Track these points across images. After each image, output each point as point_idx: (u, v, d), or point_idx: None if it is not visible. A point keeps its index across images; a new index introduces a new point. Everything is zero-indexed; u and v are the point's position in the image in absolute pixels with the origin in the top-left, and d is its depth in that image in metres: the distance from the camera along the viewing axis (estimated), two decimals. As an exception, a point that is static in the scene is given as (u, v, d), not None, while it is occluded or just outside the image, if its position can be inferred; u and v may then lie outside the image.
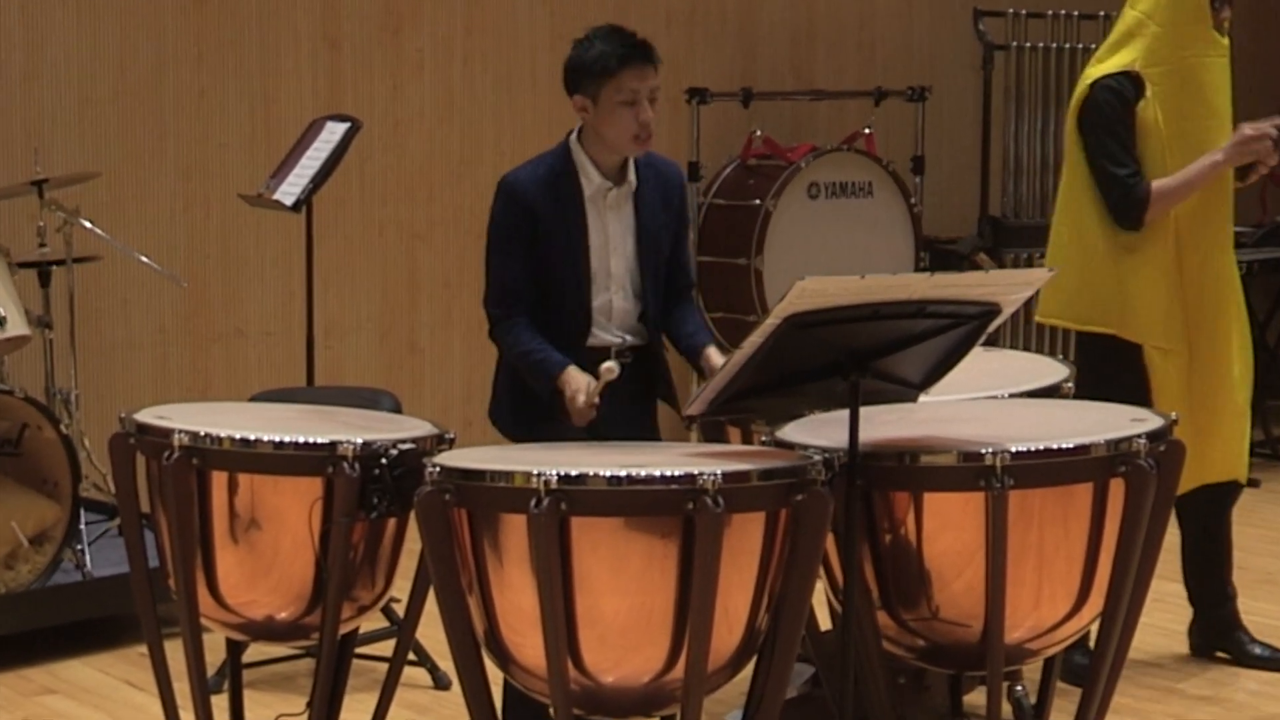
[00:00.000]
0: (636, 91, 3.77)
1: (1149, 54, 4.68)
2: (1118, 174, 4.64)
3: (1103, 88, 4.68)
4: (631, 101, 3.77)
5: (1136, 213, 4.64)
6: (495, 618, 3.27)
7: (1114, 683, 3.60)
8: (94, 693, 4.94)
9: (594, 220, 3.89)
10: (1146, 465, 3.38)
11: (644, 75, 3.78)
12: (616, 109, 3.78)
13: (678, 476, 3.10)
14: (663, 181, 3.97)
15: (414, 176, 6.91)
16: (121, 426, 3.68)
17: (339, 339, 6.74)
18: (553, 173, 3.88)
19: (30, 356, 5.66)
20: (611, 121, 3.80)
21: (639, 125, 3.79)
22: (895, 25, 8.15)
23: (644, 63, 3.79)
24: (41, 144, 5.97)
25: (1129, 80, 4.67)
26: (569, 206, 3.87)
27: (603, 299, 3.91)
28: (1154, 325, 4.68)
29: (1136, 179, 4.63)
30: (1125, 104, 4.65)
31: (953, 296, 3.29)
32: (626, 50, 3.78)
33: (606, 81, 3.77)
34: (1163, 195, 4.63)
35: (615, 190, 3.89)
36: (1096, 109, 4.68)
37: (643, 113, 3.78)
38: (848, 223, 7.35)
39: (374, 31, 6.79)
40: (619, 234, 3.90)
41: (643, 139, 3.81)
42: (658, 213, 3.94)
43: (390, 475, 3.44)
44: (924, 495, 3.37)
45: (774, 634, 3.30)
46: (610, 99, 3.78)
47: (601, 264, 3.90)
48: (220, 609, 3.63)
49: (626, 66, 3.77)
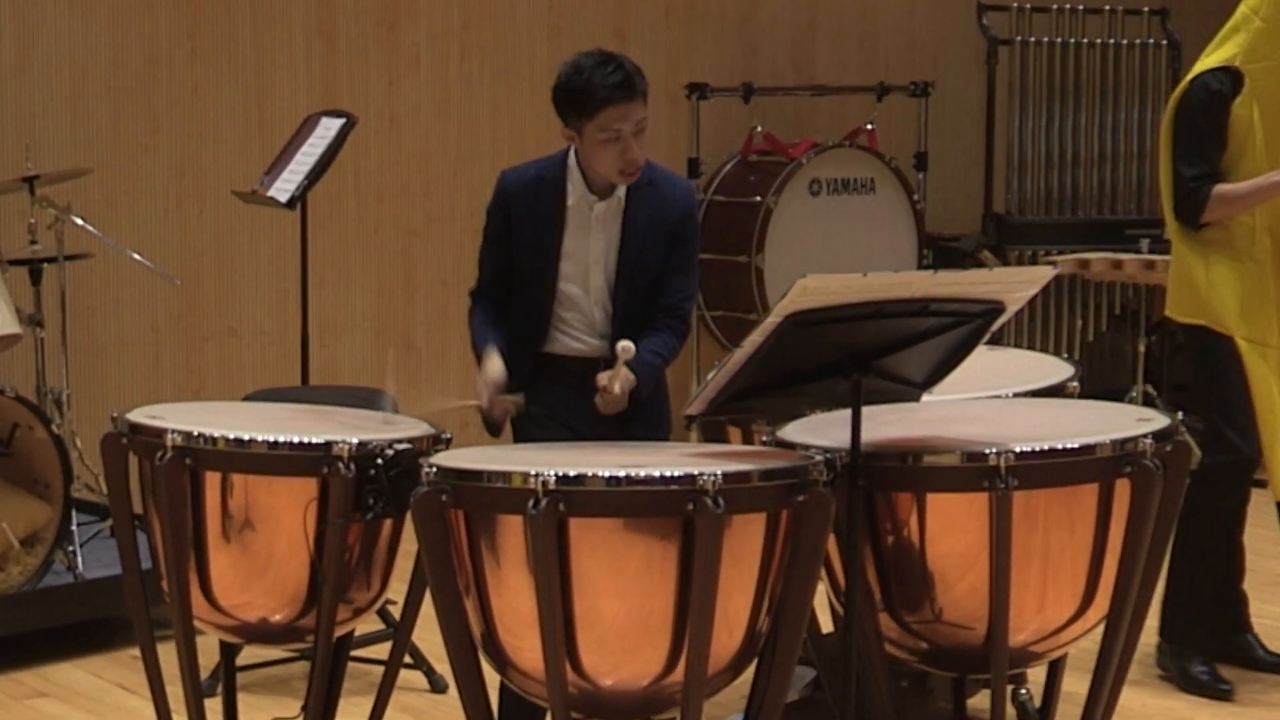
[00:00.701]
0: (619, 130, 3.73)
1: (1251, 50, 4.64)
2: (1185, 173, 4.65)
3: (1200, 84, 4.66)
4: (616, 138, 3.74)
5: (1193, 213, 4.66)
6: (492, 620, 3.26)
7: (1120, 685, 3.59)
8: (86, 696, 4.92)
9: (574, 230, 3.87)
10: (1152, 465, 3.37)
11: (627, 113, 3.73)
12: (601, 146, 3.75)
13: (677, 477, 3.10)
14: (660, 201, 3.89)
15: (410, 173, 6.89)
16: (114, 426, 3.66)
17: (334, 338, 6.73)
18: (540, 177, 3.88)
19: (21, 355, 5.64)
20: (597, 157, 3.78)
21: (624, 162, 3.76)
22: (898, 19, 8.12)
23: (626, 100, 3.73)
24: (32, 140, 5.95)
25: (1228, 76, 4.64)
26: (547, 212, 3.86)
27: (575, 311, 3.89)
28: (1239, 318, 4.67)
29: (1201, 181, 4.63)
30: (1219, 100, 4.62)
31: (956, 295, 3.28)
32: (608, 90, 3.71)
33: (588, 121, 3.74)
34: (1223, 201, 4.63)
35: (601, 204, 3.86)
36: (1188, 105, 4.67)
37: (628, 151, 3.75)
38: (850, 220, 7.34)
39: (369, 26, 6.77)
40: (600, 249, 3.87)
41: (628, 174, 3.79)
42: (645, 234, 3.88)
43: (386, 476, 3.43)
44: (927, 496, 3.36)
45: (775, 636, 3.29)
46: (593, 136, 3.75)
47: (579, 275, 3.87)
48: (214, 611, 3.61)
49: (610, 105, 3.71)
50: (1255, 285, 4.68)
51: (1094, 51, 7.97)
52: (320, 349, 6.54)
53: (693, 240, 3.97)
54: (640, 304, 3.89)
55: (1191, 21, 8.24)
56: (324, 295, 6.61)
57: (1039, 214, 7.91)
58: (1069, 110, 7.93)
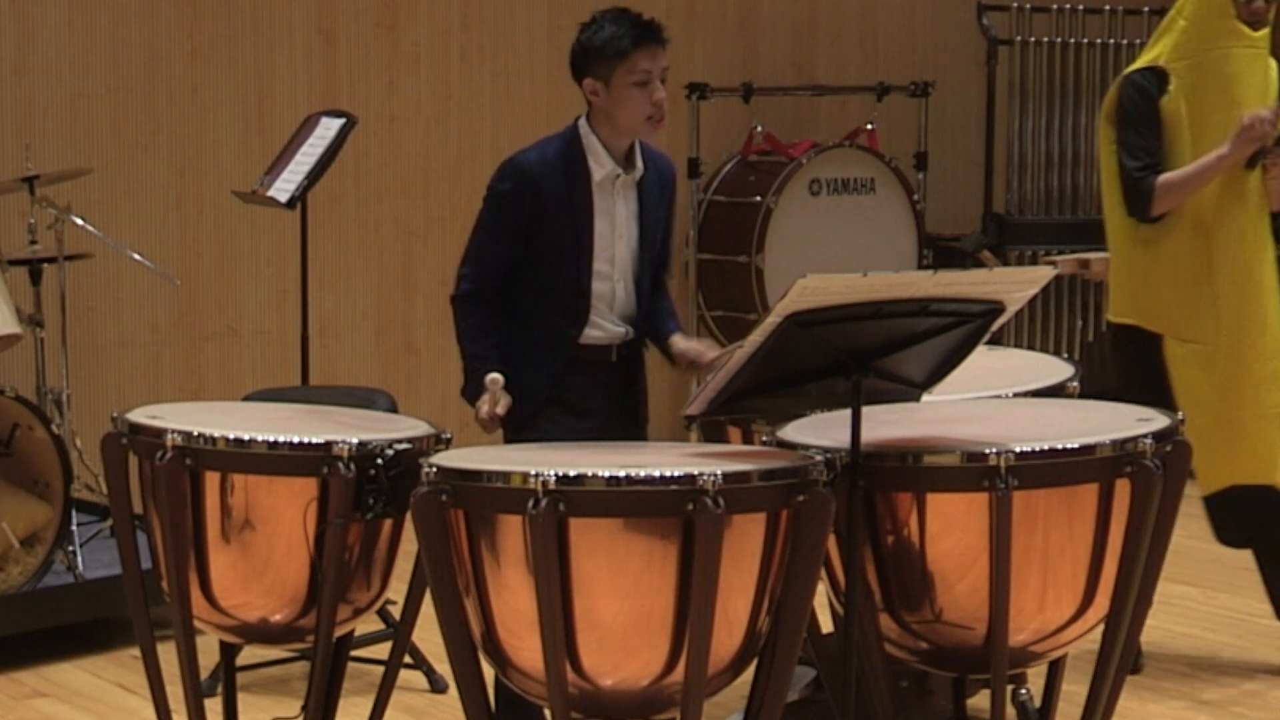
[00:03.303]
0: (649, 72, 3.78)
1: (1175, 48, 4.76)
2: (1128, 166, 4.73)
3: (1128, 82, 4.78)
4: (644, 82, 3.77)
5: (1142, 204, 4.72)
6: (492, 620, 3.25)
7: (1119, 686, 3.58)
8: (86, 696, 4.91)
9: (601, 206, 3.87)
10: (1152, 466, 3.36)
11: (655, 55, 3.79)
12: (630, 90, 3.78)
13: (677, 477, 3.09)
14: (658, 172, 3.98)
15: (410, 173, 6.89)
16: (114, 426, 3.66)
17: (334, 338, 6.72)
18: (561, 156, 3.86)
19: (21, 355, 5.63)
20: (624, 104, 3.79)
21: (653, 106, 3.79)
22: (898, 19, 8.12)
23: (655, 43, 3.80)
24: (33, 140, 5.95)
25: (1153, 75, 4.75)
26: (577, 191, 3.85)
27: (605, 286, 3.90)
28: (1172, 316, 4.74)
29: (1145, 172, 4.71)
30: (1148, 98, 4.74)
31: (956, 295, 3.27)
32: (638, 31, 3.78)
33: (619, 63, 3.77)
34: (1169, 187, 4.70)
35: (624, 176, 3.88)
36: (1120, 103, 4.78)
37: (656, 93, 3.79)
38: (850, 220, 7.34)
39: (369, 26, 6.76)
40: (625, 221, 3.90)
41: (656, 119, 3.82)
42: (656, 202, 3.96)
43: (386, 476, 3.42)
44: (927, 496, 3.35)
45: (775, 637, 3.29)
46: (623, 81, 3.77)
47: (606, 251, 3.89)
48: (214, 611, 3.61)
49: (639, 47, 3.77)
50: (1198, 283, 4.72)
51: (1094, 51, 7.97)
52: (320, 349, 6.54)
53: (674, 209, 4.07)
54: (650, 277, 3.96)
55: (1191, 21, 8.25)
56: (324, 295, 6.60)
57: (1039, 214, 7.90)
58: (1069, 110, 7.93)
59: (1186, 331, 4.73)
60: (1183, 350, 4.73)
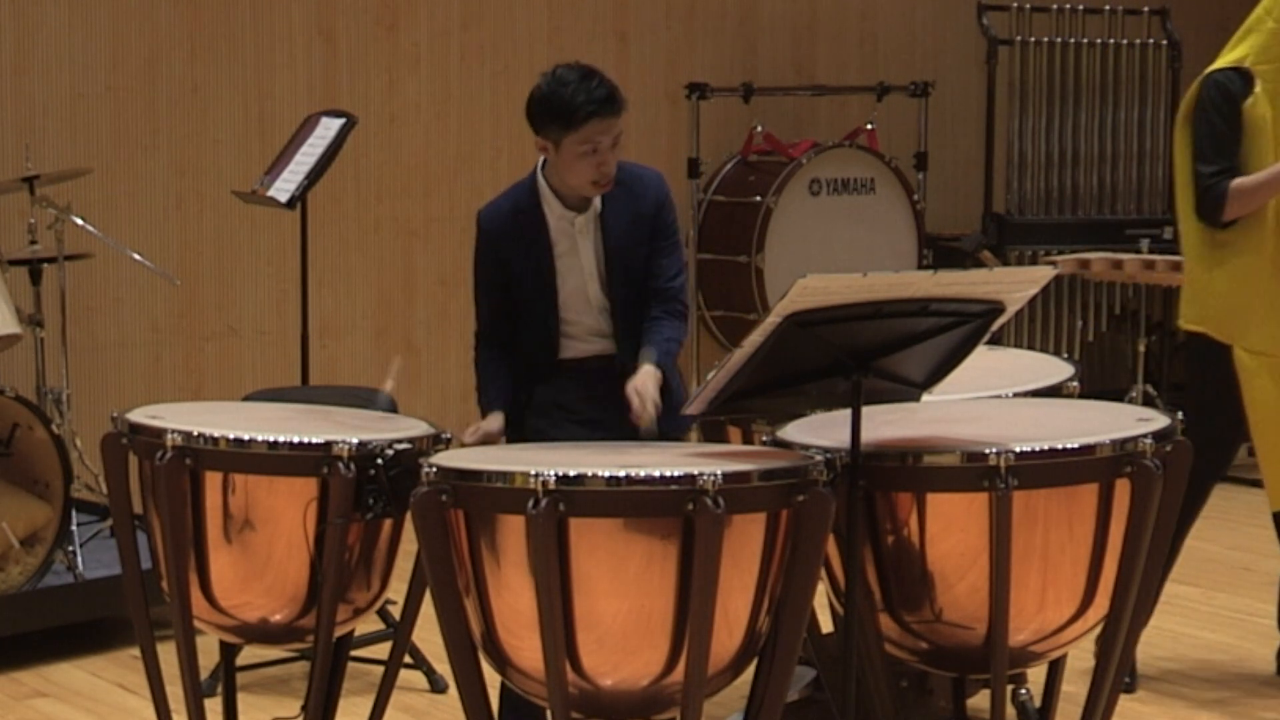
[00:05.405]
0: (599, 142, 3.78)
1: (1262, 50, 4.61)
2: (1202, 170, 4.59)
3: (1210, 81, 4.62)
4: (594, 151, 3.79)
5: (1213, 209, 4.57)
6: (492, 620, 3.25)
7: (1119, 687, 3.58)
8: (86, 696, 4.91)
9: (564, 247, 3.92)
10: (1152, 466, 3.36)
11: (608, 127, 3.79)
12: (578, 159, 3.80)
13: (677, 477, 3.09)
14: (632, 197, 3.94)
15: (410, 173, 6.89)
16: (114, 426, 3.66)
17: (334, 338, 6.72)
18: (517, 207, 3.93)
19: (21, 355, 5.63)
20: (572, 169, 3.82)
21: (599, 174, 3.81)
22: (898, 19, 8.12)
23: (610, 115, 3.79)
24: (32, 140, 5.95)
25: (1239, 75, 4.61)
26: (534, 239, 3.91)
27: (577, 322, 3.94)
28: (1244, 326, 4.60)
29: (1218, 176, 4.56)
30: (1230, 99, 4.59)
31: (956, 295, 3.27)
32: (593, 105, 3.76)
33: (570, 133, 3.77)
34: (1241, 193, 4.55)
35: (580, 217, 3.91)
36: (1202, 104, 4.63)
37: (603, 163, 3.80)
38: (850, 220, 7.33)
39: (369, 26, 6.76)
40: (589, 258, 3.93)
41: (602, 185, 3.84)
42: (627, 231, 3.93)
43: (386, 475, 3.42)
44: (927, 496, 3.35)
45: (775, 636, 3.29)
46: (572, 149, 3.80)
47: (578, 289, 3.92)
48: (214, 611, 3.61)
49: (591, 120, 3.76)
50: (1261, 290, 4.60)
51: (1094, 51, 7.97)
52: (320, 349, 6.54)
53: (672, 224, 4.02)
54: (637, 297, 3.95)
55: (1191, 21, 8.25)
56: (324, 295, 6.60)
57: (1039, 214, 7.90)
58: (1069, 110, 7.92)
59: (1258, 342, 4.59)
60: (1253, 362, 4.58)
